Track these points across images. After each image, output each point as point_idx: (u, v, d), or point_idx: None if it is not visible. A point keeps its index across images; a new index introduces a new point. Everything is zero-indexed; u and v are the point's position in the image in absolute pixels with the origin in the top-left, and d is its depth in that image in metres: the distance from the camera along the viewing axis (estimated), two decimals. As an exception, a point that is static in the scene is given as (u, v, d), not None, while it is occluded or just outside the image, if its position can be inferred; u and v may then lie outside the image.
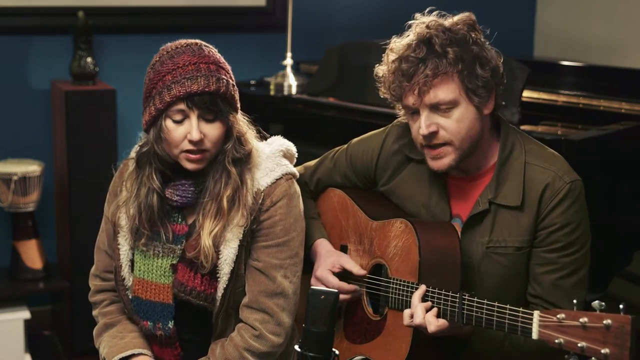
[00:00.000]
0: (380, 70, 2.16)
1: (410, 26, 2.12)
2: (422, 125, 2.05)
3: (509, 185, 2.09)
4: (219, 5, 4.05)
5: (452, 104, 2.04)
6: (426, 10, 2.14)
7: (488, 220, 2.11)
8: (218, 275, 2.09)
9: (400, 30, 2.14)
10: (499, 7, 4.53)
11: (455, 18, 2.11)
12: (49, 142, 3.82)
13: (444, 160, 2.08)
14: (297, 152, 2.23)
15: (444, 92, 2.03)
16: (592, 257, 2.14)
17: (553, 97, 3.30)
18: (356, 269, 2.22)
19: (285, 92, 3.65)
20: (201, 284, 2.09)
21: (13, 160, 3.65)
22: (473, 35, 2.07)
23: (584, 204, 2.10)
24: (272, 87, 3.71)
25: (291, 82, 3.67)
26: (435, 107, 2.04)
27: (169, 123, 2.02)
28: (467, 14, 2.12)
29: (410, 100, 2.06)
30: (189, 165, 2.06)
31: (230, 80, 2.07)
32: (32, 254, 3.63)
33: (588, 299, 2.78)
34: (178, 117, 2.02)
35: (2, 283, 3.61)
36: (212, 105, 2.01)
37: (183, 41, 2.09)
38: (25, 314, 3.56)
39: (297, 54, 3.86)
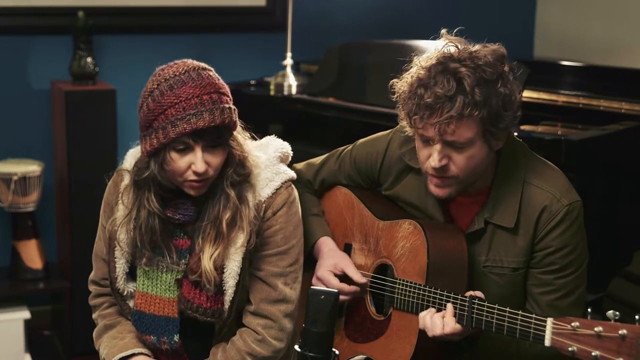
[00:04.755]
0: (401, 84, 2.07)
1: (437, 41, 2.04)
2: (435, 158, 2.00)
3: (505, 206, 2.07)
4: (219, 5, 4.04)
5: (469, 144, 1.99)
6: (454, 30, 2.07)
7: (485, 239, 2.10)
8: (224, 288, 2.08)
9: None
10: (499, 7, 4.53)
11: (487, 51, 2.01)
12: (49, 142, 3.81)
13: (445, 189, 2.06)
14: (297, 151, 2.22)
15: (464, 132, 1.97)
16: (593, 257, 2.15)
17: (553, 97, 3.30)
18: (357, 276, 2.21)
19: (285, 92, 3.64)
20: (207, 300, 2.07)
21: (13, 160, 3.65)
22: (505, 70, 2.00)
23: (581, 226, 2.08)
24: (272, 87, 3.71)
25: (291, 82, 3.66)
26: (450, 143, 1.99)
27: (172, 154, 1.98)
28: (498, 47, 2.04)
29: (430, 132, 1.99)
30: (192, 192, 2.03)
31: (230, 105, 2.01)
32: (32, 254, 3.63)
33: (589, 300, 2.80)
34: (181, 146, 1.98)
35: (2, 283, 3.61)
36: (217, 137, 1.98)
37: (179, 66, 2.00)
38: (25, 314, 3.56)
39: (297, 54, 3.85)
